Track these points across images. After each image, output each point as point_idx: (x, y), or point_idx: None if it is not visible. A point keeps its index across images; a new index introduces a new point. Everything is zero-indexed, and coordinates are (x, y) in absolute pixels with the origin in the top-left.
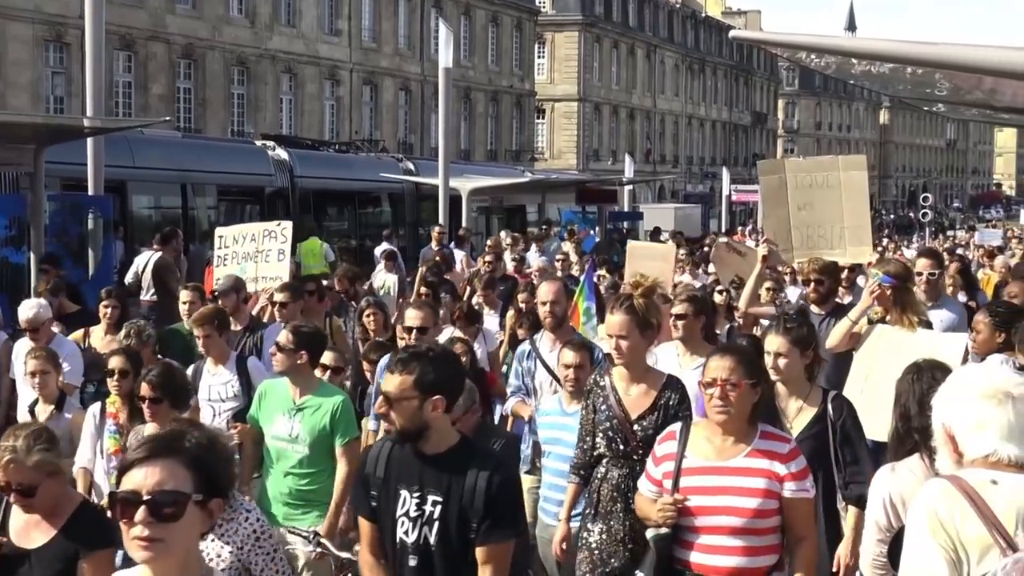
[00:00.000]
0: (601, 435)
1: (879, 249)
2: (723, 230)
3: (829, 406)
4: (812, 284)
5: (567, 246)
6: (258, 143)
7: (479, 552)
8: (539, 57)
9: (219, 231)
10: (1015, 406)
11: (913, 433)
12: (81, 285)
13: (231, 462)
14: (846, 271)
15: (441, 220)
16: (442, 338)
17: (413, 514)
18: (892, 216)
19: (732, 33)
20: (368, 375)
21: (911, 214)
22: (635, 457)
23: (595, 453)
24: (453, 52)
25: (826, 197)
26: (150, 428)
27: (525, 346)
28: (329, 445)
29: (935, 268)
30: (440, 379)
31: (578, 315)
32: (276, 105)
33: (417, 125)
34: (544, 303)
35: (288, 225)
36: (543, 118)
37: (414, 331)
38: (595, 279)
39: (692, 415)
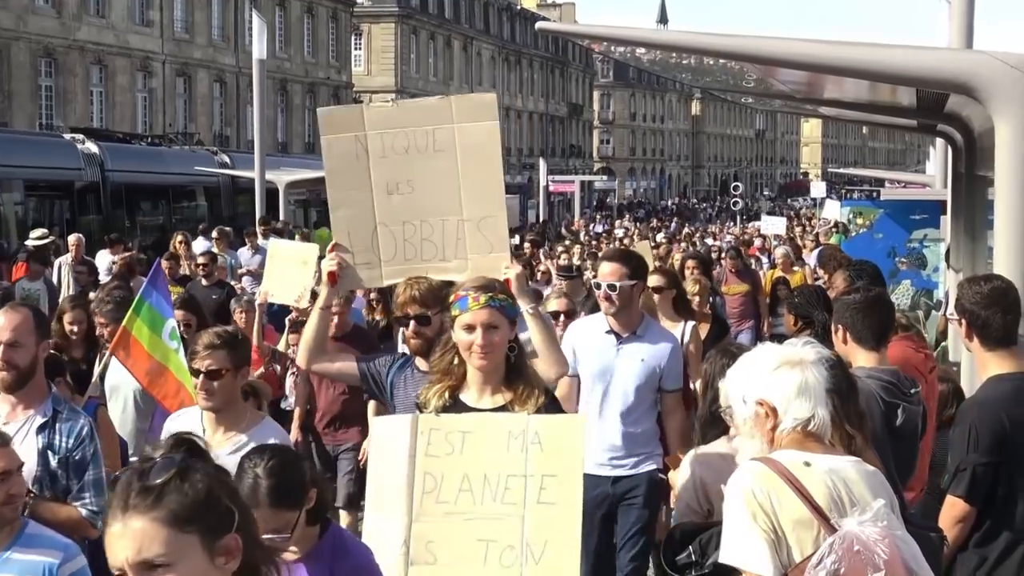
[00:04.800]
0: None
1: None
2: (540, 220)
3: None
4: (412, 324)
5: None
6: (67, 136)
7: None
8: (356, 49)
9: None
10: (816, 370)
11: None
12: None
13: None
14: None
15: (258, 213)
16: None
17: None
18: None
19: (539, 25)
20: None
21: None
22: None
23: None
24: (268, 44)
25: (433, 170)
26: None
27: None
28: None
29: (622, 279)
30: None
31: (142, 350)
32: (86, 97)
33: (233, 117)
34: None
35: None
36: None
37: None
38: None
39: None
